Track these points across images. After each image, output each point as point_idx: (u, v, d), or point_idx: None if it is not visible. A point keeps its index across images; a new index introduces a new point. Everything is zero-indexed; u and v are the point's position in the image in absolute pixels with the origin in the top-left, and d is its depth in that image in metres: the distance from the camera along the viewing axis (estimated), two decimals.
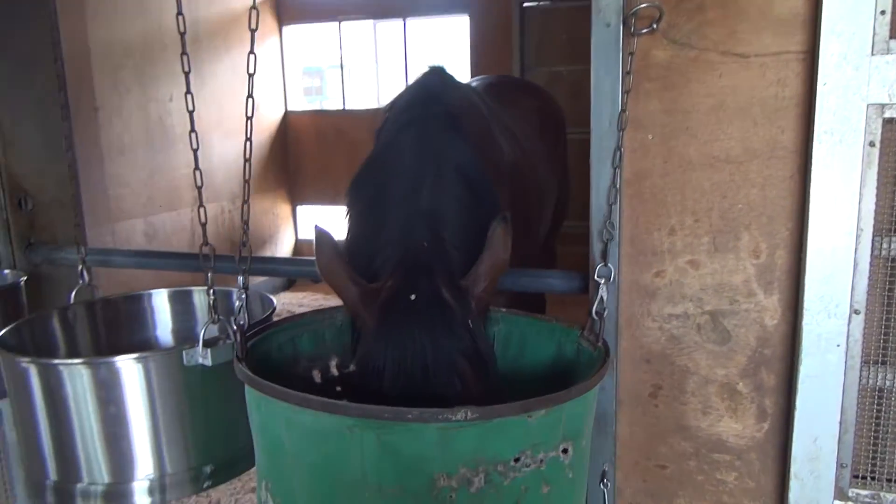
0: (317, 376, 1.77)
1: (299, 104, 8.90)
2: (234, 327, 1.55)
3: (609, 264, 1.72)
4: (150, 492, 1.74)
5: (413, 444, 1.24)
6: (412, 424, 1.22)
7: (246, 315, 1.58)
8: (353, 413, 1.24)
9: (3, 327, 2.04)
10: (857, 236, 1.62)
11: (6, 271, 2.51)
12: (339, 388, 1.75)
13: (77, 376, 1.68)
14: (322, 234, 1.60)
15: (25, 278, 2.40)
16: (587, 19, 1.72)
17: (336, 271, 1.60)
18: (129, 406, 1.70)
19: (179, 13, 1.47)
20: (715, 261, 1.76)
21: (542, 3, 7.75)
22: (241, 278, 1.63)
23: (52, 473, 1.76)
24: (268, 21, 8.47)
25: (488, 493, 1.26)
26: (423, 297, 1.58)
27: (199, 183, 1.55)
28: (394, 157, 1.98)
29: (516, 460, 1.27)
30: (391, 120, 2.38)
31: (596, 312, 1.68)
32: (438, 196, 1.83)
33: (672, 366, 1.84)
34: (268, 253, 8.45)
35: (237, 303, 1.57)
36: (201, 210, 1.58)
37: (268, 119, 8.44)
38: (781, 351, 1.74)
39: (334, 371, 1.80)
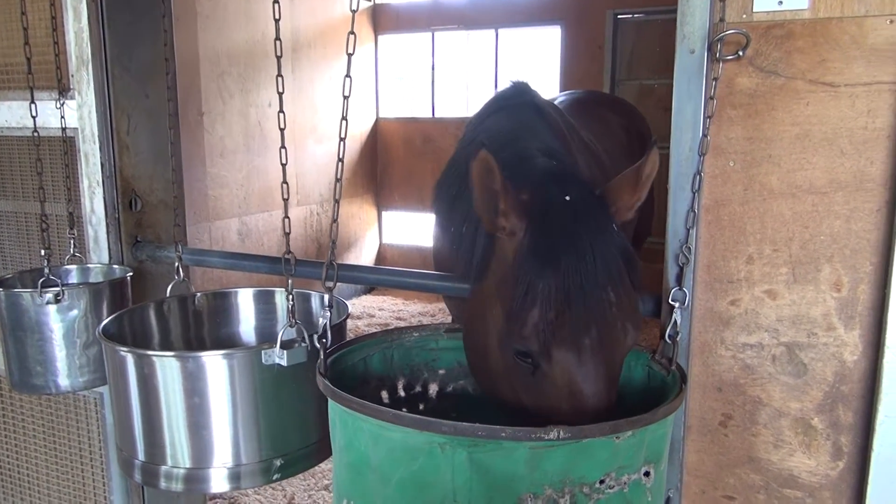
0: (385, 397, 1.81)
1: (391, 111, 9.11)
2: (318, 344, 1.60)
3: (684, 289, 1.72)
4: (226, 479, 1.84)
5: (503, 462, 1.23)
6: (504, 443, 1.21)
7: (329, 333, 1.62)
8: (446, 430, 1.23)
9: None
10: None
11: (115, 266, 2.69)
12: (404, 409, 1.75)
13: (168, 367, 1.79)
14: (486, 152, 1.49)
15: (131, 273, 2.57)
16: None
17: (493, 172, 1.47)
18: (212, 398, 1.79)
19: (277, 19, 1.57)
20: (793, 292, 1.72)
21: (636, 15, 7.65)
22: (326, 297, 1.67)
23: (141, 454, 1.88)
24: (364, 30, 8.71)
25: None
26: (577, 197, 1.56)
27: (285, 195, 1.65)
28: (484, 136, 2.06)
29: (601, 482, 1.26)
30: (477, 116, 2.46)
31: (669, 336, 1.68)
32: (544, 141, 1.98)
33: (744, 396, 1.81)
34: (352, 256, 8.69)
35: (321, 320, 1.62)
36: (286, 220, 1.68)
37: (360, 126, 8.67)
38: (860, 388, 1.68)
39: (401, 392, 1.83)
